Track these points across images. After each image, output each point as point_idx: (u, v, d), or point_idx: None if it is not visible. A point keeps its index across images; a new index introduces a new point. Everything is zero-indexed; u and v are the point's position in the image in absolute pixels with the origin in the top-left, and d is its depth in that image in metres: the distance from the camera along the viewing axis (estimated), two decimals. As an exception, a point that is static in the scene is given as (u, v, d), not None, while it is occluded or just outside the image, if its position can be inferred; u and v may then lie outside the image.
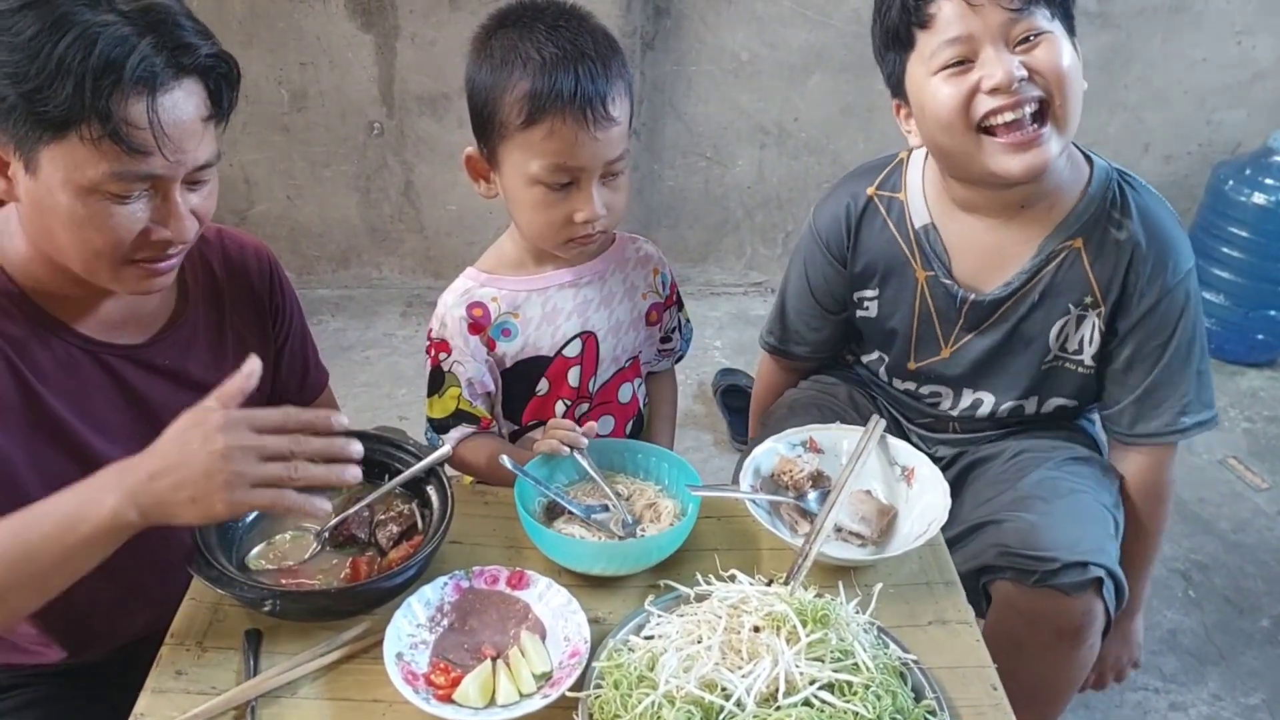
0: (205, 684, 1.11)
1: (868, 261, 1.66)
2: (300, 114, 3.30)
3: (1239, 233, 3.15)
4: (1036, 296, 1.55)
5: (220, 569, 1.15)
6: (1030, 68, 1.36)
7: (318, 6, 3.13)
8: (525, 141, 1.33)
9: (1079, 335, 1.57)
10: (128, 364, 1.29)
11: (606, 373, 1.58)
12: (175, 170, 1.11)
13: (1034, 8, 1.35)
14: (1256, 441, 2.96)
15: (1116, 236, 1.50)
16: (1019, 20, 1.35)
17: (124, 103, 1.04)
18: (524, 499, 1.30)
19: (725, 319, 3.46)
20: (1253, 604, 2.39)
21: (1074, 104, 1.40)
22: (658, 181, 3.51)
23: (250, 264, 1.44)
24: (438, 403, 1.53)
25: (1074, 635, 1.47)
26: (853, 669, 1.04)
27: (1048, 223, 1.52)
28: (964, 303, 1.59)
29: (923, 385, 1.71)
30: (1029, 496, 1.53)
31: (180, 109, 1.09)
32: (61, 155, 1.06)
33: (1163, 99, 3.40)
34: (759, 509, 1.32)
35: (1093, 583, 1.43)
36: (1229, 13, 3.25)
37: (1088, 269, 1.52)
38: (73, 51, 1.01)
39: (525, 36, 1.32)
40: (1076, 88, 1.40)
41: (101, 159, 1.06)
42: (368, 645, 1.16)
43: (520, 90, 1.30)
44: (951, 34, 1.37)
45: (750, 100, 3.37)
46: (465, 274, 1.52)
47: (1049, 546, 1.43)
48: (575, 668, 1.10)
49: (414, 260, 3.62)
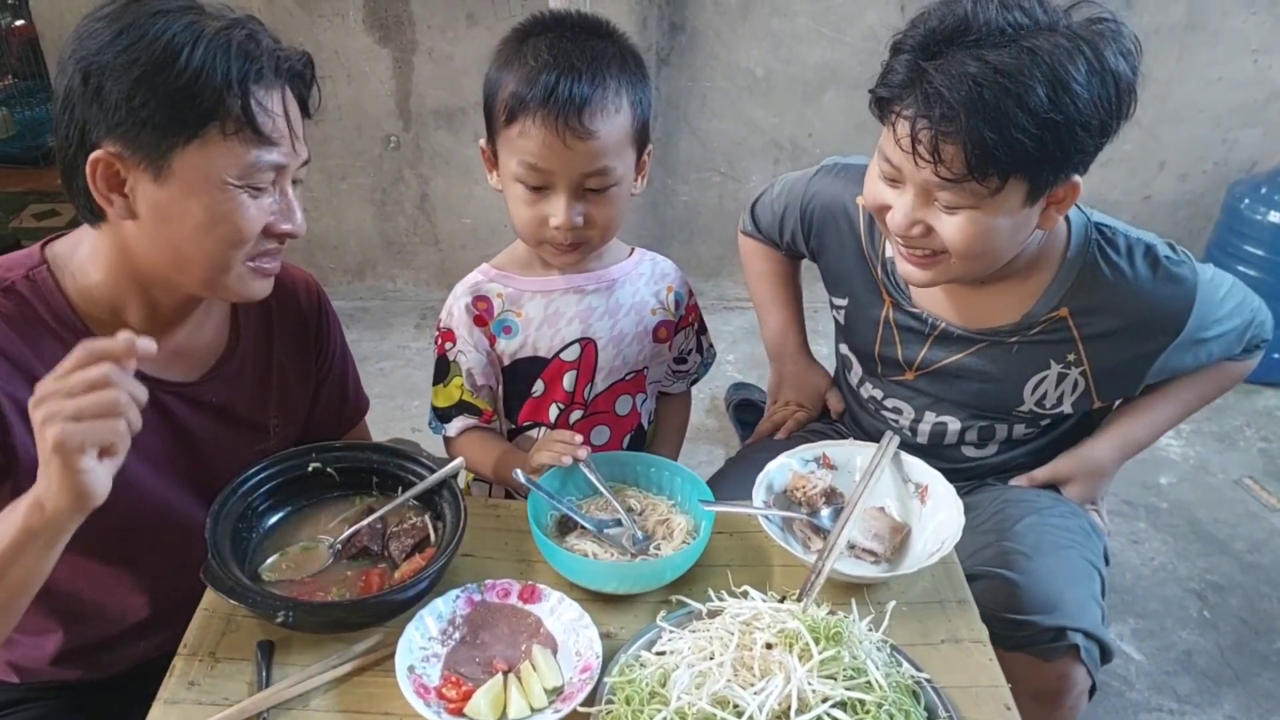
0: (218, 695, 1.11)
1: (837, 271, 1.68)
2: (317, 127, 3.29)
3: (1255, 251, 3.14)
4: (1014, 348, 1.53)
5: (234, 580, 1.15)
6: (936, 229, 1.33)
7: (336, 21, 3.16)
8: (506, 138, 1.37)
9: (1058, 391, 1.55)
10: (178, 401, 1.30)
11: (604, 382, 1.58)
12: (294, 161, 1.19)
13: (964, 184, 1.26)
14: (1273, 461, 2.94)
15: (1102, 300, 1.46)
16: (944, 189, 1.28)
17: (263, 92, 1.13)
18: (536, 512, 1.30)
19: (738, 333, 3.46)
20: (1269, 625, 2.37)
21: (980, 264, 1.37)
22: (672, 196, 3.53)
23: (300, 295, 1.46)
24: (442, 392, 1.55)
25: (1050, 699, 1.45)
26: (865, 687, 1.03)
27: (1026, 292, 1.49)
28: (934, 329, 1.57)
29: (888, 396, 1.70)
30: (1012, 552, 1.50)
31: (292, 104, 1.19)
32: (197, 155, 1.11)
33: (1178, 117, 3.39)
34: (772, 525, 1.32)
35: (1070, 649, 1.42)
36: (1245, 32, 3.24)
37: (1075, 334, 1.49)
38: (213, 47, 1.09)
39: (533, 42, 1.35)
40: (987, 254, 1.35)
41: (237, 151, 1.12)
42: (380, 658, 1.16)
43: (508, 89, 1.34)
44: (890, 154, 1.32)
45: (765, 116, 3.38)
46: (478, 269, 1.55)
47: (1027, 609, 1.41)
48: (587, 683, 1.10)
49: (429, 273, 3.64)
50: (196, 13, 1.12)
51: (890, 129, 1.31)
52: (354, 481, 1.36)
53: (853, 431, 1.81)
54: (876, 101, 1.33)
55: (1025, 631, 1.41)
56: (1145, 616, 2.39)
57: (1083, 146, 1.26)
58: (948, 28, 1.24)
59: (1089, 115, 1.22)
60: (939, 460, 1.67)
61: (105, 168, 1.11)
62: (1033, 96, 1.19)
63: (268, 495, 1.31)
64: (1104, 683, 2.20)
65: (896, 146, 1.29)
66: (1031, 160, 1.24)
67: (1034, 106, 1.19)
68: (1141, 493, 2.80)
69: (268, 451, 1.35)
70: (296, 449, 1.35)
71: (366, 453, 1.38)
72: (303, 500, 1.34)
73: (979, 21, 1.22)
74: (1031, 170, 1.25)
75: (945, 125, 1.22)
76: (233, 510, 1.25)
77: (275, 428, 1.42)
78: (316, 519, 1.32)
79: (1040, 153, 1.23)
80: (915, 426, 1.69)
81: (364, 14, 3.15)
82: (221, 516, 1.22)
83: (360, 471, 1.36)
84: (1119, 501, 2.75)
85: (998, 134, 1.20)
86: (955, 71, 1.21)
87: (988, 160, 1.22)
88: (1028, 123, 1.20)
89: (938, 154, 1.24)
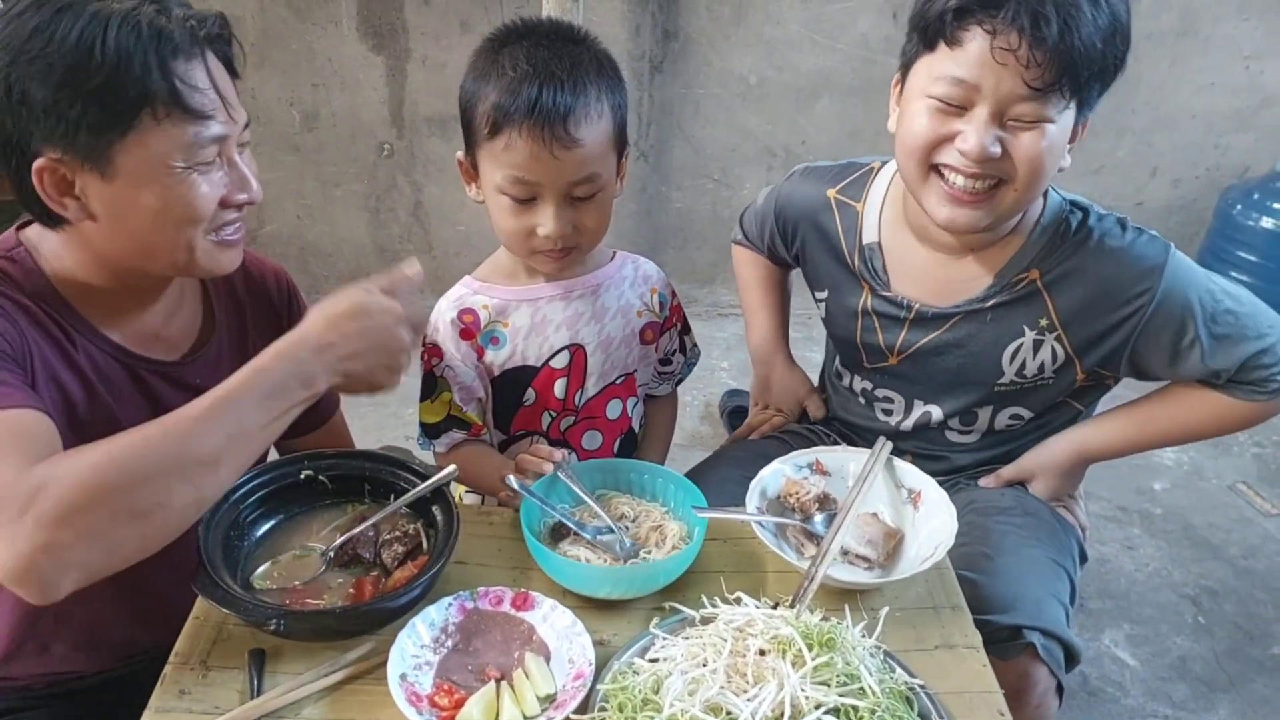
0: (209, 704, 1.10)
1: (815, 265, 1.72)
2: (311, 134, 3.33)
3: (1247, 256, 3.15)
4: (988, 316, 1.56)
5: (225, 588, 1.15)
6: (1008, 150, 1.35)
7: (330, 29, 3.16)
8: (490, 152, 1.36)
9: (1038, 360, 1.57)
10: (159, 379, 1.31)
11: (595, 387, 1.58)
12: (234, 129, 1.18)
13: (1050, 94, 1.31)
14: (1266, 467, 2.95)
15: (1073, 265, 1.49)
16: (1027, 101, 1.32)
17: (185, 67, 1.10)
18: (529, 519, 1.30)
19: (732, 340, 3.46)
20: (1263, 630, 2.38)
21: (1032, 192, 1.40)
22: (665, 203, 3.53)
23: (270, 284, 1.47)
24: (429, 408, 1.54)
25: (1013, 698, 1.42)
26: (859, 693, 1.03)
27: (1000, 260, 1.53)
28: (910, 311, 1.60)
29: (878, 387, 1.73)
30: (976, 553, 1.50)
31: (219, 70, 1.16)
32: (136, 145, 1.10)
33: (1171, 123, 3.40)
34: (765, 531, 1.32)
35: (1027, 647, 1.41)
36: (1237, 38, 3.26)
37: (1046, 297, 1.51)
38: (124, 35, 1.06)
39: (509, 51, 1.35)
40: (1043, 178, 1.39)
41: (175, 132, 1.11)
42: (372, 666, 1.15)
43: (489, 101, 1.33)
44: (961, 73, 1.34)
45: (758, 123, 3.38)
46: (461, 281, 1.54)
47: (985, 609, 1.41)
48: (580, 690, 1.09)
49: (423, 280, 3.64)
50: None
51: (957, 48, 1.34)
52: (346, 489, 1.36)
53: (843, 428, 1.83)
54: (938, 19, 1.35)
55: (983, 630, 1.41)
56: (1140, 622, 2.39)
57: (1120, 61, 1.36)
58: None
59: (1127, 28, 1.35)
60: (924, 444, 1.71)
61: (51, 174, 1.11)
62: (1111, 7, 1.32)
63: (259, 503, 1.30)
64: (1099, 689, 2.20)
65: (976, 61, 1.32)
66: (1096, 70, 1.33)
67: (1116, 15, 1.32)
68: (1135, 498, 2.81)
69: None
70: (288, 456, 1.35)
71: (359, 460, 1.37)
72: (295, 508, 1.33)
73: None
74: (1091, 83, 1.35)
75: (1039, 30, 1.28)
76: (224, 518, 1.24)
77: None
78: (308, 527, 1.32)
79: (1103, 62, 1.33)
80: (905, 415, 1.71)
81: (358, 21, 3.15)
82: (213, 525, 1.22)
83: (352, 479, 1.36)
84: (1113, 507, 2.75)
85: (1080, 38, 1.29)
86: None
87: (1075, 64, 1.30)
88: (1101, 26, 1.30)
89: (1033, 59, 1.29)
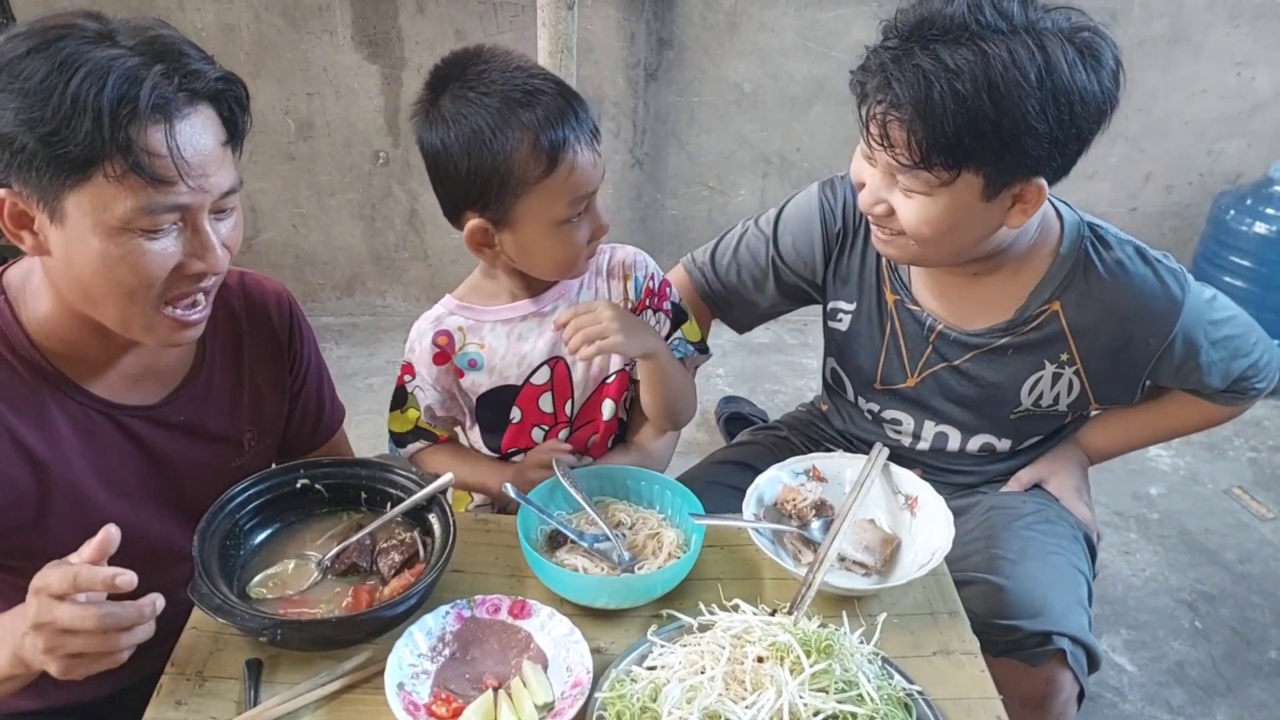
0: (205, 714, 1.10)
1: (848, 272, 1.65)
2: (306, 143, 3.33)
3: (1240, 262, 3.16)
4: (1010, 350, 1.54)
5: (221, 598, 1.15)
6: (897, 211, 1.37)
7: (325, 37, 3.16)
8: (549, 187, 1.32)
9: (1054, 391, 1.56)
10: (144, 423, 1.29)
11: (585, 394, 1.57)
12: (201, 199, 1.10)
13: (919, 170, 1.29)
14: (1262, 471, 2.95)
15: (1094, 299, 1.47)
16: (904, 172, 1.31)
17: (142, 133, 1.03)
18: (526, 527, 1.30)
19: (728, 347, 3.46)
20: (1260, 635, 2.38)
21: (939, 250, 1.40)
22: (661, 210, 3.53)
23: (271, 308, 1.44)
24: (399, 418, 1.55)
25: (1038, 704, 1.45)
26: (857, 700, 1.03)
27: (1018, 286, 1.50)
28: (932, 331, 1.58)
29: (885, 409, 1.70)
30: (999, 558, 1.51)
31: (197, 135, 1.08)
32: (87, 198, 1.04)
33: (1163, 129, 3.42)
34: (762, 538, 1.32)
35: (1056, 654, 1.42)
36: (1228, 44, 3.27)
37: (1066, 331, 1.50)
38: (86, 87, 1.00)
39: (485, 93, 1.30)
40: (942, 239, 1.37)
41: (127, 194, 1.04)
42: (369, 675, 1.15)
43: (525, 145, 1.29)
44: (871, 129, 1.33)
45: (753, 131, 3.39)
46: (442, 300, 1.53)
47: (1013, 615, 1.41)
48: (577, 698, 1.09)
49: (418, 288, 3.64)
50: (93, 40, 1.04)
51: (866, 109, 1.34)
52: (342, 498, 1.36)
53: (852, 446, 1.80)
54: (856, 82, 1.35)
55: (1011, 636, 1.42)
56: (1137, 627, 2.39)
57: (1033, 152, 1.26)
58: (915, 20, 1.27)
59: (1036, 123, 1.23)
60: (942, 464, 1.69)
61: (10, 206, 1.08)
62: (973, 98, 1.22)
63: (255, 512, 1.30)
64: (1097, 694, 2.20)
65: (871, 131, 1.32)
66: (980, 158, 1.26)
67: (973, 108, 1.22)
68: (1132, 504, 2.81)
69: (245, 466, 1.34)
70: (284, 465, 1.34)
71: (355, 469, 1.37)
72: (290, 517, 1.33)
73: (943, 17, 1.25)
74: (983, 167, 1.28)
75: (895, 114, 1.26)
76: (220, 528, 1.24)
77: (250, 442, 1.41)
78: (304, 536, 1.32)
79: (987, 153, 1.25)
80: (918, 434, 1.69)
81: (353, 30, 3.15)
82: (208, 534, 1.22)
83: (348, 487, 1.36)
84: (1110, 513, 2.75)
85: (940, 129, 1.24)
86: (910, 64, 1.24)
87: (934, 151, 1.26)
88: (967, 123, 1.23)
89: (889, 140, 1.29)
